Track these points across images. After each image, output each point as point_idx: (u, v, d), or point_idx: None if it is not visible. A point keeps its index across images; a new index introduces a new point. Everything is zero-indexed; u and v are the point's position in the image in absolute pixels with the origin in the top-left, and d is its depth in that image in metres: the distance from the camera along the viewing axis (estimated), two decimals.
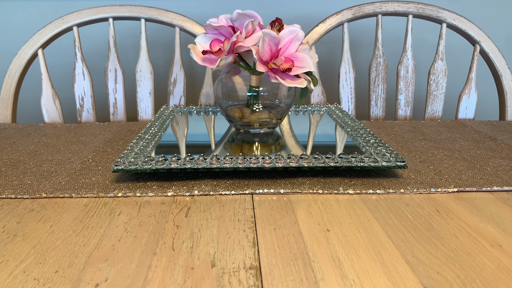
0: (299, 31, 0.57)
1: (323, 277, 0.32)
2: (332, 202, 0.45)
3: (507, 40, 1.20)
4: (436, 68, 0.93)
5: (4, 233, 0.39)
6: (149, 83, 0.92)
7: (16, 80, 0.87)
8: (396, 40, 1.05)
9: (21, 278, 0.32)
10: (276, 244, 0.37)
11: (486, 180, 0.51)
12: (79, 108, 0.91)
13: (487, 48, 0.91)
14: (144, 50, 0.92)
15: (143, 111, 0.93)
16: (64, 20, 0.90)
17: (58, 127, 0.78)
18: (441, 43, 0.92)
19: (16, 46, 0.91)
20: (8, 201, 0.46)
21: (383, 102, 0.95)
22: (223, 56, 0.55)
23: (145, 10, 0.91)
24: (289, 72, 0.55)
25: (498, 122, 0.81)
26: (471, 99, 0.93)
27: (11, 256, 0.35)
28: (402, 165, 0.51)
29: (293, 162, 0.51)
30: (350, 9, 0.93)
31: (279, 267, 0.34)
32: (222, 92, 0.64)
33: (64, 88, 1.02)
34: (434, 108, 0.94)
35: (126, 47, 1.12)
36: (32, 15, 1.12)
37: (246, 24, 0.55)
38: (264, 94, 0.63)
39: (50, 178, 0.52)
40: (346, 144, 0.62)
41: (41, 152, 0.62)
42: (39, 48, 0.88)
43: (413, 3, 0.93)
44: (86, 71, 0.91)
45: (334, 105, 0.84)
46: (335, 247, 0.36)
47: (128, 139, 0.69)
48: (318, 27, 0.93)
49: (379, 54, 0.93)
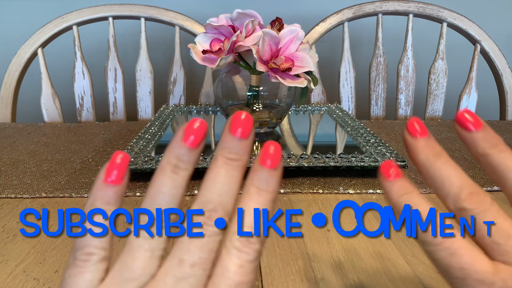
0: (299, 31, 0.56)
1: (323, 277, 0.32)
2: (332, 202, 0.45)
3: (507, 39, 1.20)
4: (436, 67, 0.93)
5: (4, 233, 0.39)
6: (149, 82, 0.92)
7: (15, 79, 0.87)
8: (397, 39, 1.05)
9: (21, 278, 0.32)
10: (276, 244, 0.37)
11: (486, 180, 0.51)
12: (79, 108, 0.91)
13: (487, 48, 0.91)
14: (144, 49, 0.92)
15: (143, 110, 0.93)
16: (64, 19, 0.89)
17: (58, 126, 0.78)
18: (442, 43, 0.92)
19: (15, 45, 0.91)
20: (8, 200, 0.46)
21: (383, 101, 0.95)
22: (223, 56, 0.55)
23: (145, 9, 0.91)
24: (289, 71, 0.55)
25: (498, 122, 0.81)
26: (472, 98, 0.93)
27: (11, 255, 0.35)
28: (402, 164, 0.51)
29: (293, 161, 0.51)
30: (351, 8, 0.93)
31: (279, 267, 0.34)
32: (222, 91, 0.64)
33: (64, 88, 1.02)
34: (435, 108, 0.94)
35: (126, 46, 1.12)
36: (31, 14, 1.12)
37: (246, 23, 0.55)
38: (264, 93, 0.63)
39: (50, 177, 0.52)
40: (346, 143, 0.62)
41: (41, 152, 0.62)
42: (38, 47, 0.88)
43: (414, 3, 0.93)
44: (86, 70, 0.91)
45: (334, 104, 0.84)
46: (335, 247, 0.36)
47: (128, 139, 0.69)
48: (318, 26, 0.92)
49: (380, 54, 0.93)
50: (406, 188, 0.21)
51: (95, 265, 0.19)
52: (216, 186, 0.19)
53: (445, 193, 0.20)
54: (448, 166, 0.21)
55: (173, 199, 0.19)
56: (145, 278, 0.18)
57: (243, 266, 0.18)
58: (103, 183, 0.20)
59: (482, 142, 0.21)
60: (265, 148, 0.20)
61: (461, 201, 0.20)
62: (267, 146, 0.20)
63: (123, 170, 0.20)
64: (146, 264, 0.18)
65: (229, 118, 0.20)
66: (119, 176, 0.20)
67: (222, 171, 0.19)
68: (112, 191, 0.20)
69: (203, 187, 0.20)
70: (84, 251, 0.19)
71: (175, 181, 0.19)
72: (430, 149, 0.21)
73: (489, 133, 0.21)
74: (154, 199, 0.19)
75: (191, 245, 0.18)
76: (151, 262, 0.18)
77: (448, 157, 0.21)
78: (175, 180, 0.20)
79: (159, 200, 0.19)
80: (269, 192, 0.19)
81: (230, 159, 0.20)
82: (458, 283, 0.19)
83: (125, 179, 0.20)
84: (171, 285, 0.18)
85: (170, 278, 0.18)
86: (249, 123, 0.20)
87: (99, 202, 0.19)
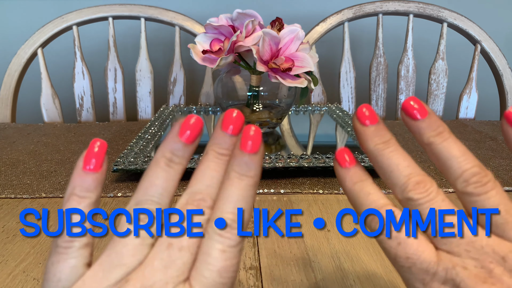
0: (300, 31, 0.56)
1: (323, 277, 0.32)
2: (332, 202, 0.45)
3: (507, 39, 1.20)
4: (436, 67, 0.93)
5: (4, 233, 0.39)
6: (149, 82, 0.92)
7: (15, 79, 0.87)
8: (397, 39, 1.05)
9: (21, 278, 0.32)
10: (276, 244, 0.37)
11: None
12: (78, 108, 0.91)
13: (488, 48, 0.91)
14: (144, 49, 0.92)
15: (142, 110, 0.93)
16: (64, 19, 0.89)
17: (57, 126, 0.78)
18: (442, 43, 0.92)
19: (15, 45, 0.91)
20: (7, 201, 0.46)
21: (383, 101, 0.95)
22: (223, 56, 0.55)
23: (145, 9, 0.91)
24: (289, 71, 0.55)
25: (499, 122, 0.81)
26: (472, 98, 0.93)
27: (10, 256, 0.35)
28: None
29: (293, 162, 0.51)
30: (351, 9, 0.93)
31: (279, 267, 0.33)
32: (222, 91, 0.64)
33: (64, 88, 1.02)
34: (435, 108, 0.94)
35: (125, 46, 1.12)
36: (31, 14, 1.12)
37: (246, 23, 0.55)
38: (264, 93, 0.63)
39: (49, 178, 0.52)
40: (346, 144, 0.62)
41: (41, 152, 0.62)
42: (38, 48, 0.88)
43: (414, 3, 0.92)
44: (86, 70, 0.91)
45: (335, 104, 0.84)
46: (335, 247, 0.36)
47: (127, 139, 0.68)
48: (318, 27, 0.92)
49: (380, 54, 0.93)
50: (360, 176, 0.22)
51: (78, 251, 0.19)
52: (205, 178, 0.20)
53: (394, 182, 0.21)
54: (396, 154, 0.21)
55: (165, 191, 0.20)
56: (134, 264, 0.18)
57: (225, 251, 0.18)
58: (82, 170, 0.20)
59: (426, 131, 0.21)
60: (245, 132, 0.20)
61: (408, 191, 0.20)
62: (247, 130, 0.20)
63: (101, 158, 0.20)
64: (136, 250, 0.18)
65: (221, 115, 0.21)
66: (98, 163, 0.20)
67: (212, 164, 0.20)
68: (91, 178, 0.20)
69: (193, 178, 0.20)
70: (65, 238, 0.19)
71: (168, 174, 0.20)
72: (379, 137, 0.21)
73: (434, 121, 0.21)
74: (147, 190, 0.19)
75: None
76: (141, 249, 0.19)
77: (397, 145, 0.21)
78: (169, 173, 0.20)
79: (152, 192, 0.19)
80: (250, 177, 0.19)
81: (220, 154, 0.20)
82: (405, 272, 0.20)
83: (103, 166, 0.20)
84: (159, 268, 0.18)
85: (158, 261, 0.18)
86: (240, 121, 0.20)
87: (79, 189, 0.20)
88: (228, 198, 0.19)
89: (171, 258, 0.18)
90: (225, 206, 0.19)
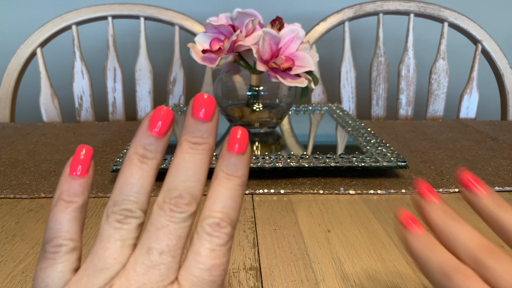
0: (300, 30, 0.56)
1: (324, 278, 0.32)
2: (333, 203, 0.45)
3: (508, 39, 1.20)
4: (437, 67, 0.93)
5: (3, 233, 0.39)
6: (149, 82, 0.92)
7: (14, 79, 0.87)
8: (397, 39, 1.05)
9: (20, 279, 0.32)
10: (277, 244, 0.37)
11: (487, 181, 0.50)
12: (78, 107, 0.91)
13: (488, 48, 0.91)
14: (144, 49, 0.91)
15: (142, 110, 0.93)
16: (63, 18, 0.89)
17: (57, 126, 0.78)
18: (443, 42, 0.92)
19: (14, 45, 0.91)
20: (6, 201, 0.46)
21: (384, 101, 0.94)
22: (223, 55, 0.54)
23: (144, 9, 0.91)
24: (289, 71, 0.55)
25: (499, 122, 0.81)
26: (473, 98, 0.92)
27: (9, 256, 0.35)
28: (403, 165, 0.50)
29: (294, 162, 0.51)
30: (351, 8, 0.92)
31: (279, 268, 0.33)
32: (222, 91, 0.64)
33: (63, 87, 1.02)
34: (436, 108, 0.94)
35: (125, 46, 1.11)
36: (30, 13, 1.12)
37: (246, 23, 0.54)
38: (264, 93, 0.63)
39: (49, 177, 0.52)
40: (347, 144, 0.61)
41: (40, 152, 0.62)
42: (37, 47, 0.88)
43: (415, 2, 0.92)
44: (85, 70, 0.91)
45: (335, 104, 0.84)
46: (336, 247, 0.36)
47: (127, 139, 0.68)
48: (318, 26, 0.92)
49: (380, 53, 0.93)
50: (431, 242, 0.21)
51: (65, 256, 0.19)
52: (181, 172, 0.19)
53: None
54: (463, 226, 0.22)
55: (142, 189, 0.19)
56: (117, 267, 0.18)
57: (214, 250, 0.18)
58: (69, 176, 0.20)
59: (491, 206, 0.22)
60: (232, 133, 0.20)
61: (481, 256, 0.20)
62: (234, 132, 0.20)
63: (87, 163, 0.20)
64: (118, 253, 0.18)
65: (191, 101, 0.20)
66: (83, 169, 0.20)
67: (187, 156, 0.19)
68: (78, 183, 0.20)
69: (169, 174, 0.20)
70: (53, 243, 0.19)
71: (143, 170, 0.19)
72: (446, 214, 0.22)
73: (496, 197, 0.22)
74: (122, 190, 0.19)
75: (159, 233, 0.19)
76: (123, 251, 0.19)
77: None
78: (143, 170, 0.19)
79: (127, 191, 0.19)
80: (238, 177, 0.20)
81: (194, 143, 0.20)
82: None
83: (90, 171, 0.20)
84: (142, 273, 0.18)
85: (140, 266, 0.18)
86: (211, 104, 0.20)
87: (66, 195, 0.20)
88: (217, 197, 0.19)
89: (152, 263, 0.18)
90: (214, 205, 0.19)
